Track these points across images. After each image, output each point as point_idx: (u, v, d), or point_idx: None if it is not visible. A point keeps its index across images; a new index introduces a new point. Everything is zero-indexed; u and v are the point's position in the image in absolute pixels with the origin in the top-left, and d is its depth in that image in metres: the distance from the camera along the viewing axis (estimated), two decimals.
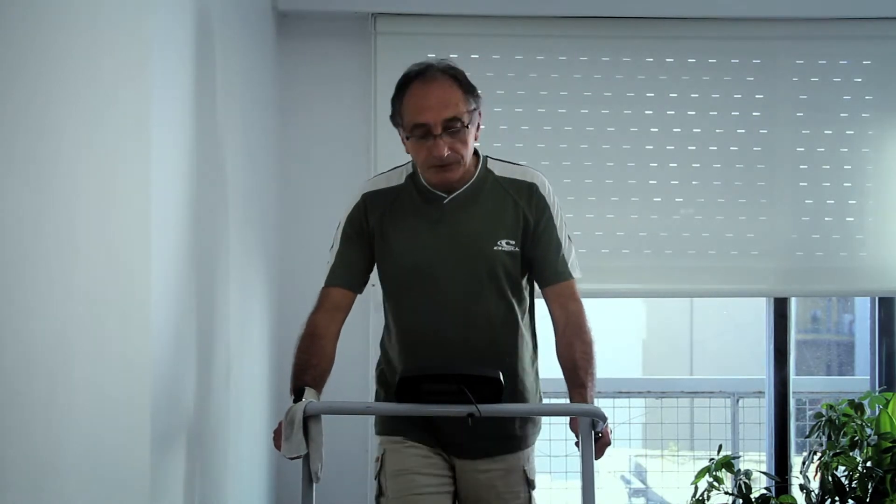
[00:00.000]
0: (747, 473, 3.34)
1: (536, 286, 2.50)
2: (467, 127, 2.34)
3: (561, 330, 2.42)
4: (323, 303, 2.43)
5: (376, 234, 2.43)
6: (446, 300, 2.38)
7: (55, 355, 1.47)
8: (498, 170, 2.46)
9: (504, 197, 2.43)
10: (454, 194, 2.41)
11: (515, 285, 2.43)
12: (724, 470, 3.33)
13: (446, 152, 2.32)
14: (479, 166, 2.44)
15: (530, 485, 2.50)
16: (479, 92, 2.40)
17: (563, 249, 2.45)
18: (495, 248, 2.40)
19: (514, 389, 2.41)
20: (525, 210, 2.42)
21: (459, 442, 2.43)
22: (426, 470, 2.44)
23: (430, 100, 2.32)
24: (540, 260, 2.44)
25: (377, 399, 2.54)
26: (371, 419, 2.89)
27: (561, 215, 2.46)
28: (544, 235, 2.43)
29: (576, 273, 2.46)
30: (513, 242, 2.41)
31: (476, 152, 2.44)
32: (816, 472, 3.30)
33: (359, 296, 2.50)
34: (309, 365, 2.33)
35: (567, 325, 2.41)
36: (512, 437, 2.47)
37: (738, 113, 3.81)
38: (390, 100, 2.41)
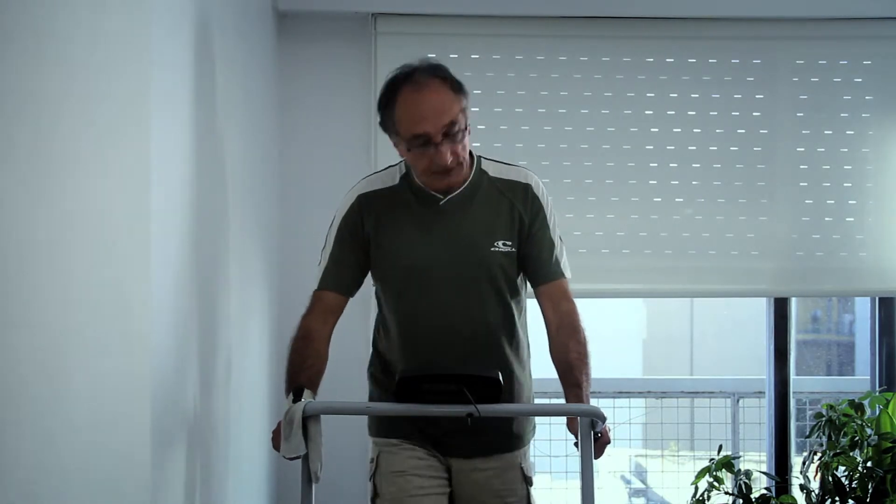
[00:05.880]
0: (747, 473, 3.34)
1: (529, 286, 2.50)
2: (465, 129, 2.32)
3: (554, 330, 2.41)
4: (315, 306, 2.42)
5: (372, 237, 2.41)
6: (444, 302, 2.38)
7: (55, 355, 1.47)
8: (492, 170, 2.45)
9: (500, 198, 2.42)
10: (450, 196, 2.39)
11: (512, 286, 2.43)
12: (724, 470, 3.33)
13: (450, 159, 2.30)
14: (475, 167, 2.42)
15: (528, 482, 2.50)
16: (465, 87, 2.34)
17: (556, 250, 2.44)
18: (492, 249, 2.39)
19: (511, 389, 2.41)
20: (521, 210, 2.41)
21: (455, 443, 2.43)
22: (422, 472, 2.44)
23: (424, 108, 2.26)
24: (533, 259, 2.43)
25: (370, 399, 2.53)
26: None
27: (554, 216, 2.46)
28: (538, 235, 2.42)
29: (567, 273, 2.46)
30: (509, 243, 2.40)
31: (470, 153, 2.42)
32: (817, 472, 3.30)
33: (360, 296, 2.50)
34: (304, 366, 2.33)
35: (560, 326, 2.40)
36: (508, 436, 2.47)
37: (738, 113, 3.81)
38: (377, 104, 2.35)
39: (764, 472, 3.64)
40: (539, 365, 2.56)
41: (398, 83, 2.31)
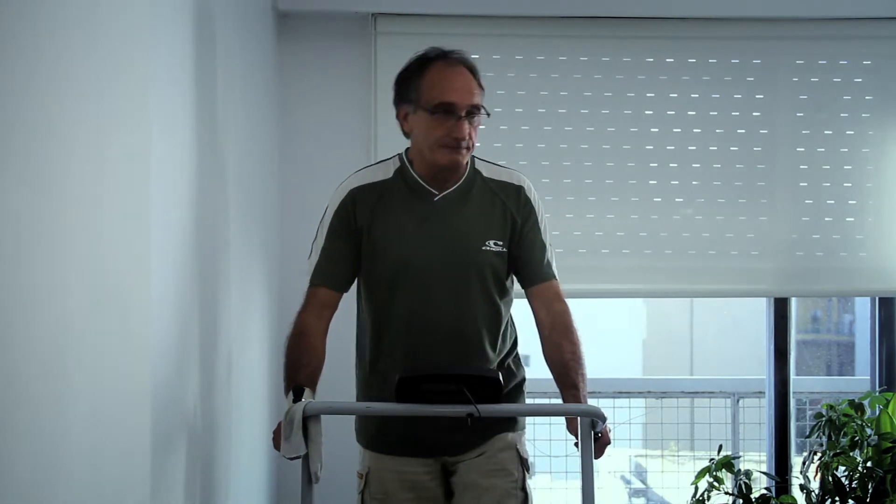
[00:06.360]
0: (747, 473, 3.34)
1: (517, 286, 2.49)
2: (481, 117, 2.38)
3: (547, 331, 2.42)
4: (309, 302, 2.42)
5: (364, 232, 2.41)
6: (433, 298, 2.38)
7: (55, 355, 1.47)
8: (485, 171, 2.46)
9: (493, 198, 2.43)
10: (445, 192, 2.40)
11: (501, 285, 2.43)
12: (724, 470, 3.33)
13: (467, 134, 2.33)
14: (469, 166, 2.43)
15: (524, 464, 2.47)
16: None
17: (547, 252, 2.46)
18: (483, 248, 2.39)
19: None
20: (513, 211, 2.42)
21: (445, 442, 2.41)
22: (412, 493, 2.44)
23: (457, 82, 2.34)
24: (525, 261, 2.44)
25: (357, 401, 2.52)
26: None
27: (544, 219, 2.47)
28: (529, 236, 2.43)
29: (556, 276, 2.47)
30: (500, 243, 2.41)
31: None
32: (817, 472, 3.30)
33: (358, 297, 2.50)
34: (301, 364, 2.33)
35: (553, 326, 2.41)
36: (496, 422, 2.42)
37: (738, 113, 3.81)
38: (398, 78, 2.41)
39: (764, 472, 3.64)
40: (539, 365, 2.56)
41: (431, 58, 2.38)
